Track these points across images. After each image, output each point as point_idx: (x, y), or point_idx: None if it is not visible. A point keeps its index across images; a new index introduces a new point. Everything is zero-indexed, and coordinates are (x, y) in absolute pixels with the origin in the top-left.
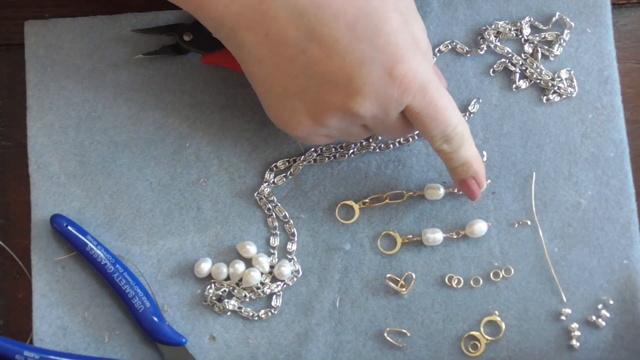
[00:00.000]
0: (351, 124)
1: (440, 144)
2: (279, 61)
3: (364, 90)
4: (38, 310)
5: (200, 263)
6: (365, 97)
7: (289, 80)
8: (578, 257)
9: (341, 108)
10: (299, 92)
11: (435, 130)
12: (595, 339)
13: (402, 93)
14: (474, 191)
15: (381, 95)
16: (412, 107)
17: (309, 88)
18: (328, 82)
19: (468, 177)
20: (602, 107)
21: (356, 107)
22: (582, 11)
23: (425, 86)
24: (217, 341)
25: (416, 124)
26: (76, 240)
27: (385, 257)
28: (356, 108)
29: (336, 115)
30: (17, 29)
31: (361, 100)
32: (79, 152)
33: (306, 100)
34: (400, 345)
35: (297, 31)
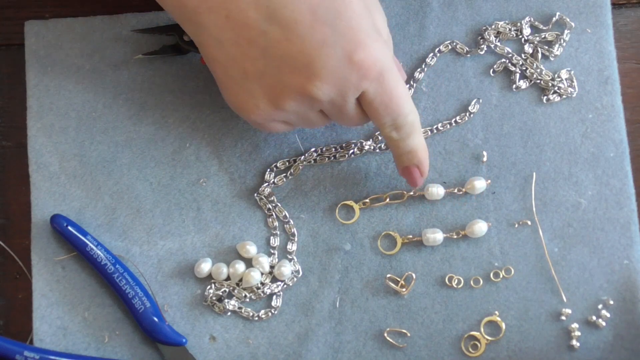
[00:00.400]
0: (309, 109)
1: (389, 131)
2: (239, 43)
3: (322, 73)
4: (38, 310)
5: (201, 263)
6: (324, 81)
7: (248, 63)
8: (578, 257)
9: (299, 91)
10: (257, 75)
11: (386, 118)
12: (595, 339)
13: (360, 78)
14: (415, 179)
15: (339, 79)
16: (368, 92)
17: (268, 70)
18: (287, 65)
19: (412, 165)
20: (602, 107)
21: (314, 90)
22: (582, 11)
23: (383, 73)
24: (217, 341)
25: (369, 110)
26: (76, 240)
27: (385, 257)
28: (314, 91)
29: (295, 98)
30: (17, 29)
31: (319, 84)
32: (79, 152)
33: (265, 83)
34: (400, 345)
35: (258, 13)
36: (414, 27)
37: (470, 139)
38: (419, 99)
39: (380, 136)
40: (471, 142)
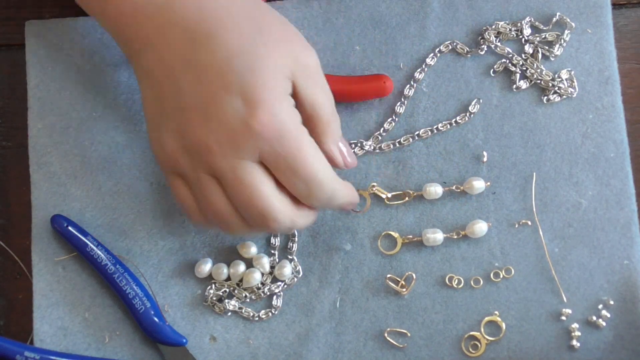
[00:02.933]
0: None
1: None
2: (162, 82)
3: (218, 117)
4: (38, 310)
5: (201, 263)
6: (219, 125)
7: (166, 101)
8: (578, 257)
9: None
10: (171, 113)
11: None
12: (595, 339)
13: (255, 134)
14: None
15: (233, 130)
16: (266, 152)
17: (178, 109)
18: (192, 106)
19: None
20: (603, 107)
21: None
22: (582, 11)
23: (283, 134)
24: (217, 341)
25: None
26: (77, 240)
27: (385, 257)
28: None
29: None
30: (17, 29)
31: (215, 126)
32: (79, 152)
33: (174, 120)
34: (400, 345)
35: (185, 55)
36: (415, 27)
37: (471, 139)
38: (419, 99)
39: (380, 136)
40: (471, 142)
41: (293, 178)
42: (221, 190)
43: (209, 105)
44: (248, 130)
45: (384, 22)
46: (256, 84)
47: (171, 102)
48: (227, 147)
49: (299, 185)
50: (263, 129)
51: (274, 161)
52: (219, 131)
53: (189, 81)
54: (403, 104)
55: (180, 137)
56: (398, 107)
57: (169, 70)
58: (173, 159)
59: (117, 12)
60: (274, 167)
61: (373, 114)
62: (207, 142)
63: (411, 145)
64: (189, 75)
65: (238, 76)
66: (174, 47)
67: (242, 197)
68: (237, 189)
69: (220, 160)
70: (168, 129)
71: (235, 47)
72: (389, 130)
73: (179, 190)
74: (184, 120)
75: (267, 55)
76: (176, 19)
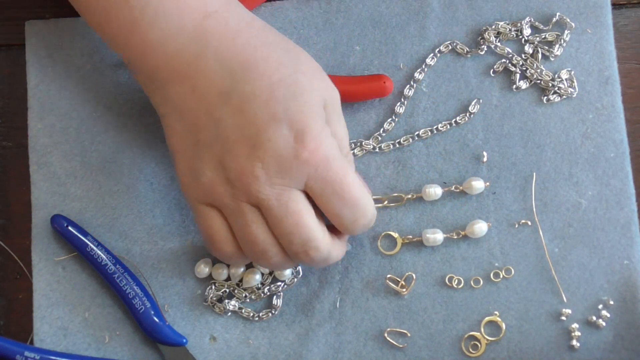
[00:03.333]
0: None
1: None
2: (198, 114)
3: (266, 145)
4: (38, 310)
5: (201, 263)
6: (267, 153)
7: (201, 133)
8: (578, 257)
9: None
10: (208, 144)
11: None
12: (595, 339)
13: (303, 160)
14: None
15: (282, 157)
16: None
17: (218, 140)
18: (236, 135)
19: None
20: (603, 107)
21: (255, 163)
22: (582, 11)
23: (328, 159)
24: (217, 341)
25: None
26: (77, 240)
27: (385, 257)
28: (255, 163)
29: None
30: (17, 29)
31: (262, 155)
32: (79, 152)
33: (213, 151)
34: (400, 345)
35: (222, 86)
36: (415, 27)
37: (471, 139)
38: (419, 99)
39: (380, 136)
40: (471, 143)
41: (340, 204)
42: (263, 219)
43: (255, 135)
44: (297, 157)
45: (383, 22)
46: (302, 111)
47: (208, 134)
48: (275, 175)
49: (344, 211)
50: (312, 155)
51: (320, 188)
52: (266, 159)
53: (230, 113)
54: (403, 104)
55: (221, 167)
56: (398, 107)
57: (204, 102)
58: (210, 190)
59: (143, 40)
60: (320, 194)
61: (373, 114)
62: (253, 171)
63: (411, 146)
64: (229, 107)
65: (283, 105)
66: (209, 78)
67: (287, 225)
68: (282, 217)
69: (267, 188)
70: (205, 160)
71: (276, 77)
72: (389, 130)
73: (211, 221)
74: (225, 151)
75: (308, 84)
76: (210, 50)
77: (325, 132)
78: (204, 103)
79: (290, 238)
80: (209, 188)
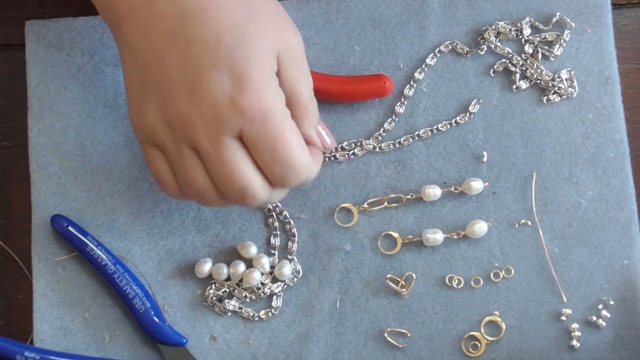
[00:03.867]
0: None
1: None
2: (146, 54)
3: (204, 92)
4: (38, 310)
5: (201, 263)
6: (204, 100)
7: (149, 74)
8: (578, 257)
9: (180, 105)
10: (154, 86)
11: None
12: (595, 339)
13: (238, 112)
14: None
15: (219, 106)
16: (247, 131)
17: (163, 82)
18: (178, 79)
19: None
20: (603, 107)
21: (191, 108)
22: (582, 11)
23: (267, 116)
24: (217, 341)
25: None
26: (77, 240)
27: (385, 257)
28: (191, 109)
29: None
30: (17, 29)
31: (199, 101)
32: (79, 152)
33: (157, 92)
34: (400, 345)
35: (172, 28)
36: (414, 27)
37: (471, 139)
38: (419, 99)
39: (380, 136)
40: (471, 143)
41: (270, 161)
42: (201, 164)
43: (195, 80)
44: (233, 107)
45: (383, 22)
46: (245, 61)
47: (154, 75)
48: (210, 123)
49: (275, 168)
50: (249, 107)
51: (253, 141)
52: (203, 106)
53: (175, 54)
54: (403, 104)
55: (163, 110)
56: (398, 107)
57: (153, 42)
58: (153, 131)
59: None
60: (253, 147)
61: (373, 114)
62: (190, 116)
63: (411, 146)
64: (175, 49)
65: (227, 52)
66: (160, 18)
67: (222, 173)
68: (217, 164)
69: (202, 135)
70: (150, 101)
71: (225, 23)
72: (389, 130)
73: (155, 161)
74: (167, 94)
75: (257, 34)
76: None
77: (268, 84)
78: (154, 43)
79: (227, 185)
80: (152, 130)
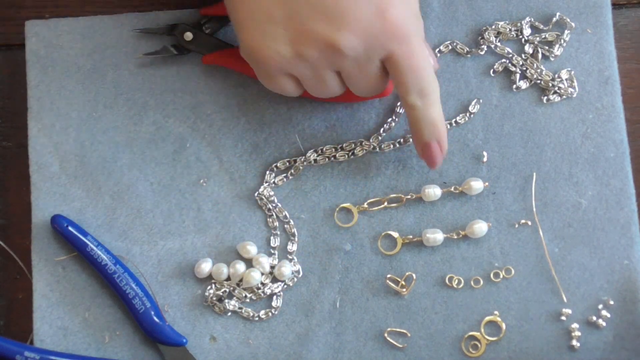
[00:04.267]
0: (329, 63)
1: (415, 98)
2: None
3: (353, 24)
4: (38, 310)
5: (201, 263)
6: (353, 32)
7: (277, 6)
8: (578, 257)
9: (326, 39)
10: (285, 19)
11: (413, 82)
12: (595, 339)
13: (389, 36)
14: (436, 156)
15: (369, 34)
16: (395, 54)
17: (297, 15)
18: (318, 12)
19: (433, 139)
20: (603, 107)
21: (342, 41)
22: (582, 11)
23: (410, 36)
24: (217, 341)
25: (395, 74)
26: (77, 240)
27: (385, 257)
28: (342, 41)
29: (318, 47)
30: (17, 29)
31: (348, 35)
32: (79, 152)
33: (291, 27)
34: (400, 345)
35: None
36: None
37: (471, 139)
38: None
39: (380, 136)
40: (471, 143)
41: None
42: (337, 77)
43: (342, 12)
44: (382, 32)
45: None
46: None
47: (286, 9)
48: (360, 50)
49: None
50: (397, 30)
51: (398, 60)
52: (352, 36)
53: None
54: None
55: (302, 42)
56: (398, 107)
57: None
58: (288, 64)
59: None
60: (395, 65)
61: (373, 114)
62: (339, 46)
63: (411, 146)
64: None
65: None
66: None
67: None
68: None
69: (349, 62)
70: (283, 35)
71: None
72: (389, 130)
73: (286, 86)
74: (308, 26)
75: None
76: None
77: (408, 8)
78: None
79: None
80: (289, 61)
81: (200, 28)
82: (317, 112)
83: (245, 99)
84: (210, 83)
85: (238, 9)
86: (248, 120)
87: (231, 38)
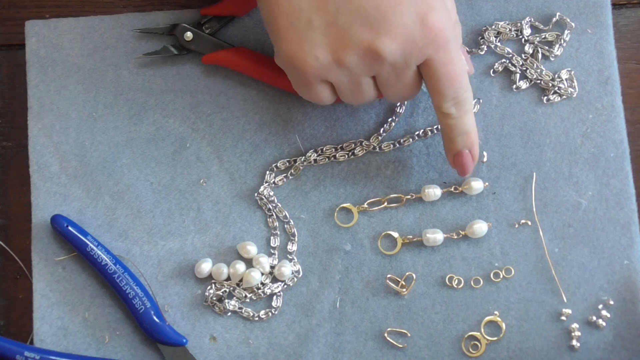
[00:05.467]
0: (367, 69)
1: (449, 106)
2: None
3: (393, 30)
4: (38, 310)
5: (201, 263)
6: (393, 38)
7: (316, 13)
8: (578, 257)
9: (366, 46)
10: (324, 25)
11: (449, 90)
12: (595, 339)
13: (428, 42)
14: (467, 165)
15: (408, 40)
16: (433, 60)
17: (337, 22)
18: (358, 19)
19: (465, 148)
20: (603, 107)
21: (382, 47)
22: (582, 11)
23: (449, 42)
24: (217, 341)
25: (432, 80)
26: (77, 240)
27: (385, 257)
28: (382, 47)
29: (358, 53)
30: (17, 29)
31: (388, 41)
32: (79, 152)
33: (331, 33)
34: (400, 345)
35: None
36: None
37: None
38: (419, 99)
39: (380, 136)
40: None
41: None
42: (374, 86)
43: (382, 19)
44: (422, 37)
45: None
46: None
47: (326, 15)
48: (399, 56)
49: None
50: (436, 36)
51: (436, 67)
52: (392, 42)
53: None
54: (403, 104)
55: (342, 49)
56: (398, 107)
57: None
58: (326, 71)
59: None
60: (432, 72)
61: (373, 114)
62: (379, 52)
63: (411, 145)
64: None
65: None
66: None
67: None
68: (395, 88)
69: (389, 66)
70: (322, 42)
71: None
72: (389, 130)
73: (322, 93)
74: (347, 32)
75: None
76: None
77: (447, 13)
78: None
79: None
80: (325, 70)
81: (200, 28)
82: (317, 112)
83: (245, 99)
84: (210, 83)
85: (276, 16)
86: (248, 121)
87: (231, 38)
